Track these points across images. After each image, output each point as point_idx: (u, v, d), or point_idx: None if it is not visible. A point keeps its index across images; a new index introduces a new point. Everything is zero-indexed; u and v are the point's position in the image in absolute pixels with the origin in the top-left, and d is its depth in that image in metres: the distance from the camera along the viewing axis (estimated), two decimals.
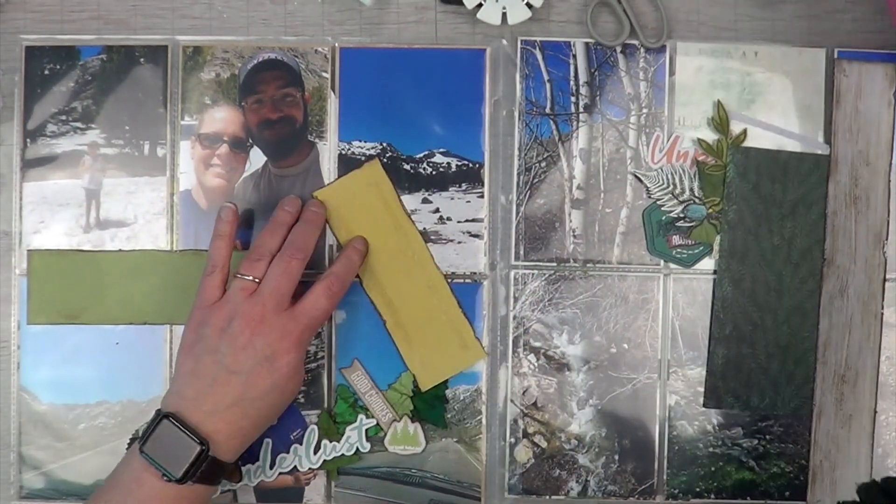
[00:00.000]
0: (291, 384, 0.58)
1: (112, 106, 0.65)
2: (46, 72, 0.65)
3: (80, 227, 0.65)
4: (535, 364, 0.65)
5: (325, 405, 0.65)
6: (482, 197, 0.66)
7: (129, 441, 0.64)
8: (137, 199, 0.66)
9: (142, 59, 0.65)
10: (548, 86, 0.66)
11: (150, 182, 0.66)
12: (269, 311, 0.57)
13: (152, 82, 0.65)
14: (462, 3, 0.65)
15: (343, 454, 0.65)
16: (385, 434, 0.65)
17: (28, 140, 0.65)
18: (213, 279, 0.59)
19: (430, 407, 0.65)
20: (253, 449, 0.64)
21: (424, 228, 0.65)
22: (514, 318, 0.65)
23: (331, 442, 0.65)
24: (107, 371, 0.65)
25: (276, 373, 0.57)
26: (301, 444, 0.65)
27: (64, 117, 0.65)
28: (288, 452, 0.65)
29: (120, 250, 0.65)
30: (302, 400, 0.65)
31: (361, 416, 0.65)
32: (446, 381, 0.65)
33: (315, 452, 0.65)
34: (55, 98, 0.65)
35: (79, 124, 0.65)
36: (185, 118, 0.65)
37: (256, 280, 0.58)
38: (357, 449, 0.65)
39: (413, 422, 0.65)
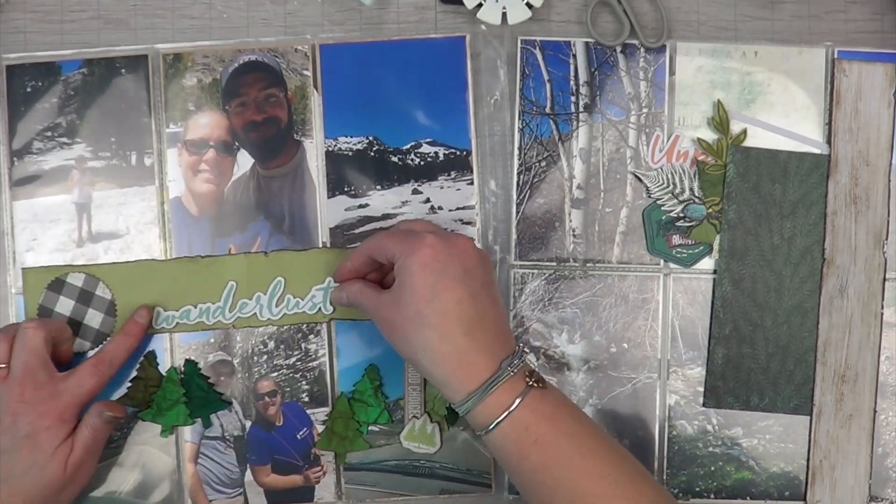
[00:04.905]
0: (54, 463, 0.57)
1: (96, 119, 0.65)
2: (28, 89, 0.65)
3: (72, 241, 0.65)
4: (535, 363, 0.65)
5: (330, 402, 0.65)
6: (471, 184, 0.66)
7: None
8: (128, 209, 0.66)
9: (123, 70, 0.65)
10: (548, 85, 0.66)
11: (140, 192, 0.66)
12: (28, 389, 0.57)
13: (135, 92, 0.65)
14: (462, 3, 0.65)
15: (305, 312, 0.64)
16: (402, 428, 0.65)
17: (15, 159, 0.65)
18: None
19: None
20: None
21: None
22: (514, 317, 0.65)
23: (294, 298, 0.64)
24: (109, 383, 0.64)
25: (38, 450, 0.57)
26: (265, 294, 0.64)
27: (49, 133, 0.65)
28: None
29: (114, 262, 0.65)
30: (306, 399, 0.65)
31: (330, 279, 0.64)
32: None
33: (277, 305, 0.65)
34: (39, 115, 0.65)
35: (64, 139, 0.65)
36: (170, 126, 0.65)
37: (3, 364, 0.58)
38: (319, 309, 0.64)
39: (432, 422, 0.65)
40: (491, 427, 0.53)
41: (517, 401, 0.52)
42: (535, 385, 0.53)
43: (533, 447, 0.52)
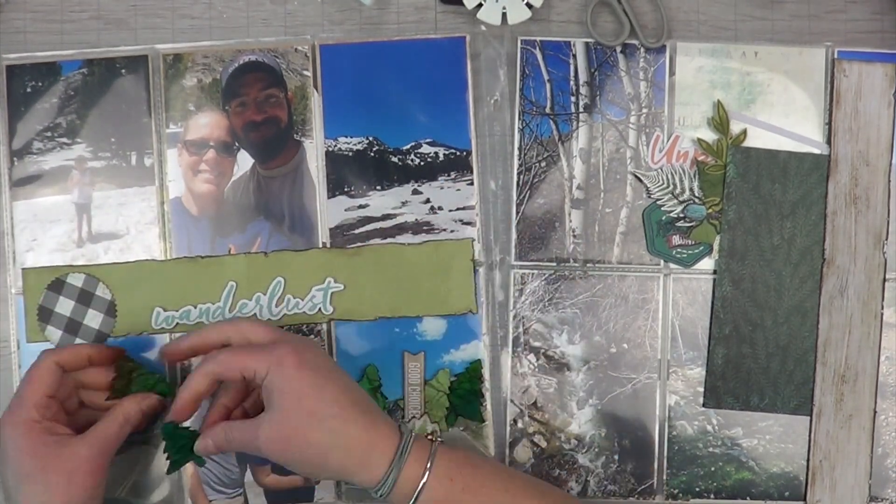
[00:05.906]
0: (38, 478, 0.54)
1: (96, 119, 0.65)
2: (29, 89, 0.65)
3: (72, 242, 0.65)
4: (535, 364, 0.65)
5: None
6: (471, 184, 0.66)
7: None
8: (128, 210, 0.66)
9: (123, 71, 0.65)
10: (548, 86, 0.66)
11: (140, 192, 0.66)
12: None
13: (135, 93, 0.65)
14: (462, 3, 0.65)
15: (305, 312, 0.64)
16: None
17: (15, 159, 0.65)
18: None
19: (466, 402, 0.65)
20: None
21: (416, 219, 0.65)
22: (514, 317, 0.65)
23: (294, 298, 0.65)
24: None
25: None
26: (265, 294, 0.64)
27: (49, 133, 0.65)
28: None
29: (114, 263, 0.65)
30: None
31: (330, 280, 0.65)
32: (481, 376, 0.65)
33: (277, 306, 0.65)
34: (39, 115, 0.65)
35: (65, 139, 0.65)
36: (171, 126, 0.65)
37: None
38: (319, 309, 0.64)
39: (432, 422, 0.65)
40: (419, 488, 0.53)
41: (432, 457, 0.54)
42: (437, 440, 0.55)
43: (462, 495, 0.54)
